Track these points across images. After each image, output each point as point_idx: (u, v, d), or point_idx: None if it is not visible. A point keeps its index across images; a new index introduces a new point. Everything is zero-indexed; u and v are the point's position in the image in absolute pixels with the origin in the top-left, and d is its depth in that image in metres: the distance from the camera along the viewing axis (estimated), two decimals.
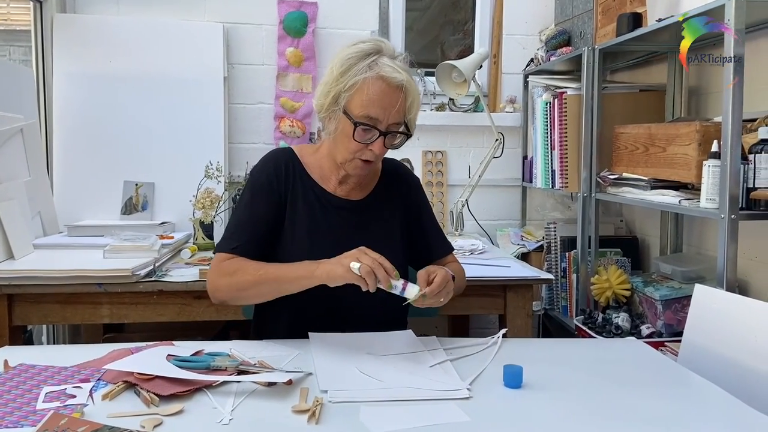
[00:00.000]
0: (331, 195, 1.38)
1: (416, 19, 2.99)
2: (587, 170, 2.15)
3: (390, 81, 1.24)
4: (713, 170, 1.53)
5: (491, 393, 1.02)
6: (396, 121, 1.27)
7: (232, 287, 1.26)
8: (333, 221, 1.36)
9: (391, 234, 1.41)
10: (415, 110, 1.30)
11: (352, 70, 1.24)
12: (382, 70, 1.24)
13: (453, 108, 2.73)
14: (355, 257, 1.14)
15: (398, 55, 1.30)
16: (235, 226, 1.34)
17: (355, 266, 1.12)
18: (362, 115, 1.24)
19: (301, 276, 1.20)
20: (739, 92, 1.45)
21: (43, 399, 0.95)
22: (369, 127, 1.25)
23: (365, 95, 1.24)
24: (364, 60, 1.25)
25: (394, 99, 1.24)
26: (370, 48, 1.26)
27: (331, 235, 1.34)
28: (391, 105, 1.24)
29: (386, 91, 1.24)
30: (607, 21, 2.30)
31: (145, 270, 1.76)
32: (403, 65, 1.28)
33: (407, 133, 1.30)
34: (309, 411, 0.92)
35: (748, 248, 1.75)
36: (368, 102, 1.24)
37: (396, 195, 1.44)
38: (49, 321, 1.96)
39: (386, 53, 1.28)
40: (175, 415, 0.91)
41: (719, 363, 1.24)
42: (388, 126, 1.26)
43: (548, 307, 2.51)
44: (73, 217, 2.33)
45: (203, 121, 2.47)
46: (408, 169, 1.53)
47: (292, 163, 1.38)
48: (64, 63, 2.40)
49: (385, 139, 1.27)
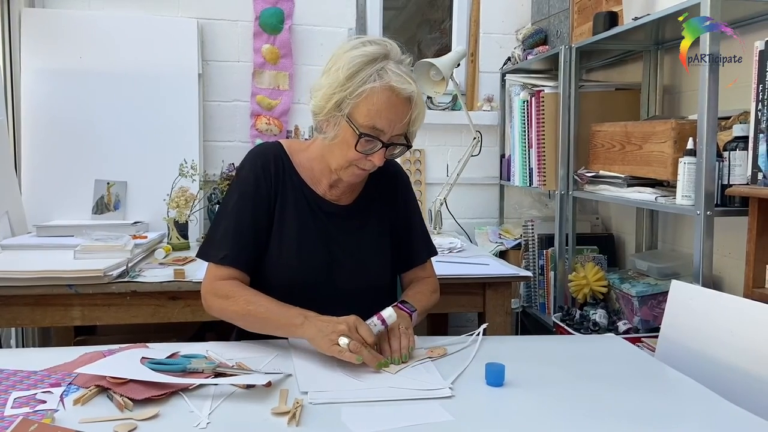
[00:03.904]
0: (322, 199, 1.33)
1: (393, 18, 2.99)
2: (564, 168, 2.17)
3: (399, 93, 1.18)
4: (689, 167, 1.55)
5: (474, 391, 1.02)
6: (400, 132, 1.23)
7: (223, 312, 1.25)
8: (323, 227, 1.32)
9: (380, 238, 1.38)
10: (420, 122, 1.25)
11: (359, 75, 1.17)
12: (392, 80, 1.18)
13: (431, 106, 2.73)
14: (343, 332, 1.09)
15: (404, 59, 1.24)
16: (223, 231, 1.28)
17: (343, 342, 1.08)
18: (367, 125, 1.19)
19: (286, 326, 1.18)
20: (714, 90, 1.47)
21: (12, 404, 0.92)
22: (372, 138, 1.20)
23: (373, 105, 1.18)
24: (372, 65, 1.18)
25: (401, 111, 1.20)
26: (377, 52, 1.20)
27: (320, 241, 1.31)
28: (398, 117, 1.20)
29: (395, 102, 1.19)
30: (584, 20, 2.32)
31: (118, 270, 1.72)
32: (409, 72, 1.23)
33: (407, 144, 1.26)
34: (289, 413, 0.90)
35: (723, 244, 1.78)
36: (375, 113, 1.18)
37: (385, 194, 1.40)
38: (17, 324, 1.90)
39: (393, 57, 1.21)
40: (150, 419, 0.89)
41: (696, 357, 1.25)
42: (391, 137, 1.21)
43: (526, 304, 2.53)
44: (42, 217, 2.27)
45: (177, 118, 2.43)
46: (398, 166, 1.47)
47: (282, 162, 1.32)
48: (32, 59, 2.33)
49: (386, 150, 1.23)
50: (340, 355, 1.07)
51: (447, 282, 1.81)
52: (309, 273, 1.29)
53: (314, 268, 1.29)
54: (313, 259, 1.29)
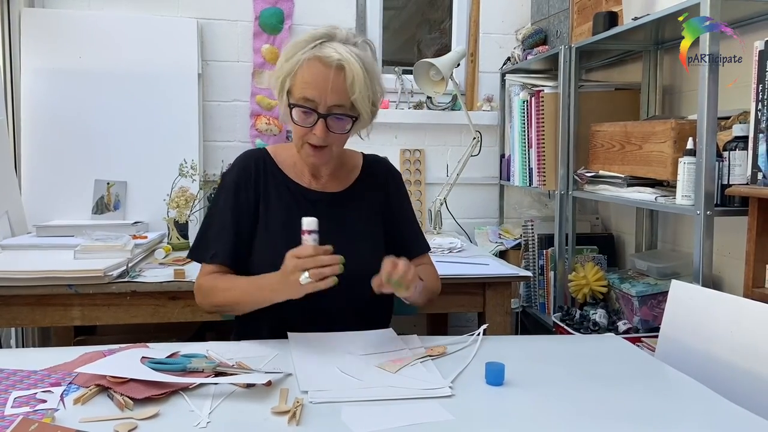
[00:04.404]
0: (306, 189, 1.36)
1: (393, 18, 2.99)
2: (564, 168, 2.17)
3: (325, 60, 1.19)
4: (689, 167, 1.55)
5: (473, 391, 1.02)
6: (337, 102, 1.22)
7: (212, 307, 1.31)
8: (307, 215, 1.33)
9: (370, 227, 1.38)
10: (362, 90, 1.22)
11: (296, 55, 1.22)
12: (320, 51, 1.20)
13: (431, 106, 2.73)
14: (296, 267, 1.10)
15: (354, 41, 1.25)
16: (210, 232, 1.34)
17: (304, 277, 1.09)
18: (300, 97, 1.22)
19: (260, 299, 1.22)
20: (714, 90, 1.47)
21: (12, 404, 0.91)
22: (307, 109, 1.22)
23: (302, 77, 1.21)
24: (310, 44, 1.22)
25: (329, 78, 1.19)
26: (322, 34, 1.23)
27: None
28: (326, 85, 1.20)
29: (321, 70, 1.20)
30: (583, 20, 2.32)
31: (118, 270, 1.72)
32: (352, 50, 1.22)
33: (351, 115, 1.25)
34: (289, 412, 0.90)
35: (722, 244, 1.78)
36: (304, 84, 1.21)
37: (375, 188, 1.42)
38: (17, 324, 1.90)
39: (338, 39, 1.23)
40: (150, 419, 0.88)
41: (696, 357, 1.25)
42: (328, 108, 1.22)
43: (526, 304, 2.53)
44: (42, 217, 2.27)
45: (177, 118, 2.43)
46: (389, 163, 1.50)
47: (263, 163, 1.37)
48: (32, 59, 2.33)
49: (327, 122, 1.23)
50: (315, 289, 1.10)
51: (447, 282, 1.80)
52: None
53: None
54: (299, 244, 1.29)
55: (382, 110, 2.70)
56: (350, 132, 1.30)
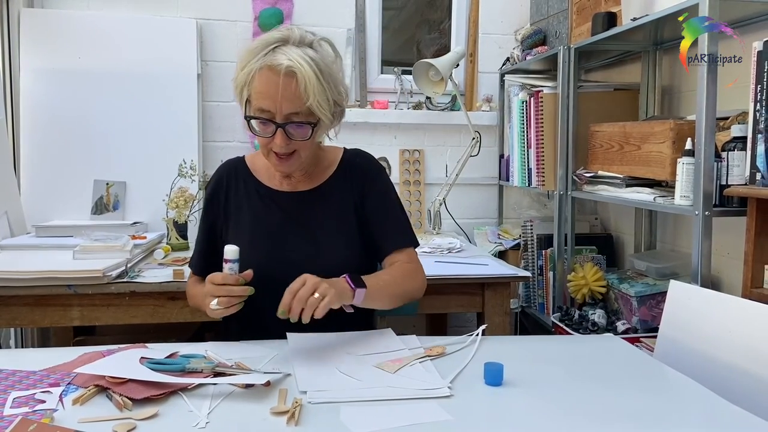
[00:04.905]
0: (276, 192, 1.36)
1: (392, 18, 2.99)
2: (563, 168, 2.17)
3: (275, 68, 1.16)
4: (687, 168, 1.55)
5: (472, 391, 1.02)
6: (292, 110, 1.18)
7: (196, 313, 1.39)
8: (276, 216, 1.34)
9: (344, 224, 1.35)
10: (316, 94, 1.17)
11: (249, 64, 1.19)
12: (271, 58, 1.16)
13: (430, 107, 2.73)
14: (208, 293, 1.14)
15: (310, 41, 1.21)
16: (196, 244, 1.43)
17: (213, 303, 1.12)
18: (256, 107, 1.19)
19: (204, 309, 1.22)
20: (713, 91, 1.48)
21: (11, 404, 0.91)
22: (264, 120, 1.20)
23: (256, 88, 1.18)
24: (262, 51, 1.18)
25: (282, 87, 1.16)
26: (276, 38, 1.19)
27: (273, 230, 1.33)
28: (278, 93, 1.16)
29: (273, 79, 1.16)
30: (582, 20, 2.33)
31: (117, 271, 1.72)
32: (305, 52, 1.18)
33: (310, 122, 1.21)
34: (288, 412, 0.90)
35: (721, 244, 1.78)
36: (257, 94, 1.18)
37: (350, 184, 1.37)
38: (16, 324, 1.90)
39: (292, 41, 1.19)
40: (149, 419, 0.89)
41: (694, 357, 1.26)
42: (285, 117, 1.19)
43: (525, 304, 2.53)
44: (41, 217, 2.27)
45: (176, 118, 2.43)
46: (368, 157, 1.44)
47: (236, 171, 1.39)
48: (31, 59, 2.33)
49: (286, 131, 1.20)
50: (222, 315, 1.14)
51: (446, 282, 1.81)
52: (263, 257, 1.29)
53: (267, 252, 1.31)
54: (265, 248, 1.31)
55: (381, 110, 2.74)
56: (313, 137, 1.25)
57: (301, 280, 1.10)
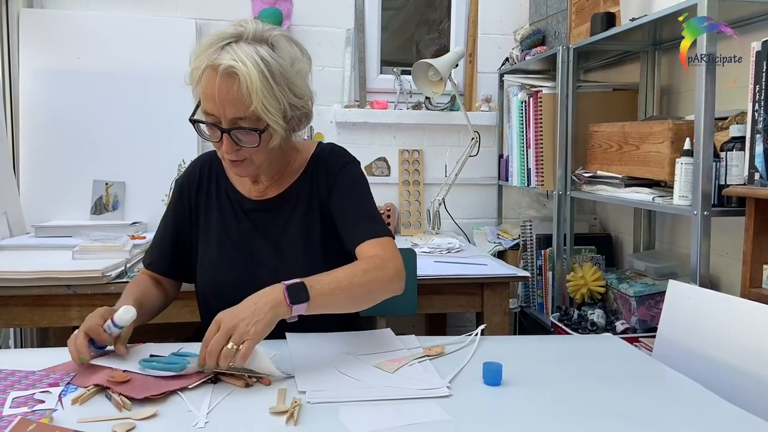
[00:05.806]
0: (244, 197, 1.29)
1: (392, 18, 2.99)
2: (562, 168, 2.17)
3: (218, 69, 1.06)
4: (686, 168, 1.55)
5: (471, 390, 1.02)
6: (237, 115, 1.09)
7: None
8: (244, 228, 1.28)
9: (309, 229, 1.27)
10: (262, 98, 1.07)
11: (200, 59, 1.10)
12: (215, 57, 1.07)
13: (429, 107, 2.73)
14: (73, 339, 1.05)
15: (266, 38, 1.12)
16: (153, 240, 1.37)
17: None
18: (203, 111, 1.12)
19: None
20: (712, 91, 1.48)
21: (10, 404, 0.91)
22: (210, 124, 1.12)
23: (202, 90, 1.10)
24: (212, 48, 1.09)
25: (225, 89, 1.07)
26: (230, 34, 1.11)
27: (241, 240, 1.28)
28: (220, 96, 1.08)
29: (215, 81, 1.07)
30: (581, 20, 2.33)
31: (116, 271, 1.72)
32: (261, 48, 1.09)
33: (256, 128, 1.11)
34: (287, 412, 0.90)
35: (720, 244, 1.78)
36: (204, 97, 1.10)
37: (318, 182, 1.29)
38: (16, 324, 1.89)
39: (245, 38, 1.10)
40: (148, 419, 0.89)
41: (693, 357, 1.26)
42: (230, 121, 1.10)
43: (524, 304, 2.53)
44: (40, 217, 2.27)
45: (175, 118, 2.43)
46: (337, 151, 1.33)
47: (208, 167, 1.33)
48: (30, 59, 2.34)
49: (233, 136, 1.11)
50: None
51: (445, 282, 1.82)
52: (231, 274, 1.26)
53: (235, 268, 1.26)
54: (233, 262, 1.27)
55: (380, 110, 2.75)
56: (263, 144, 1.14)
57: (215, 324, 0.99)
